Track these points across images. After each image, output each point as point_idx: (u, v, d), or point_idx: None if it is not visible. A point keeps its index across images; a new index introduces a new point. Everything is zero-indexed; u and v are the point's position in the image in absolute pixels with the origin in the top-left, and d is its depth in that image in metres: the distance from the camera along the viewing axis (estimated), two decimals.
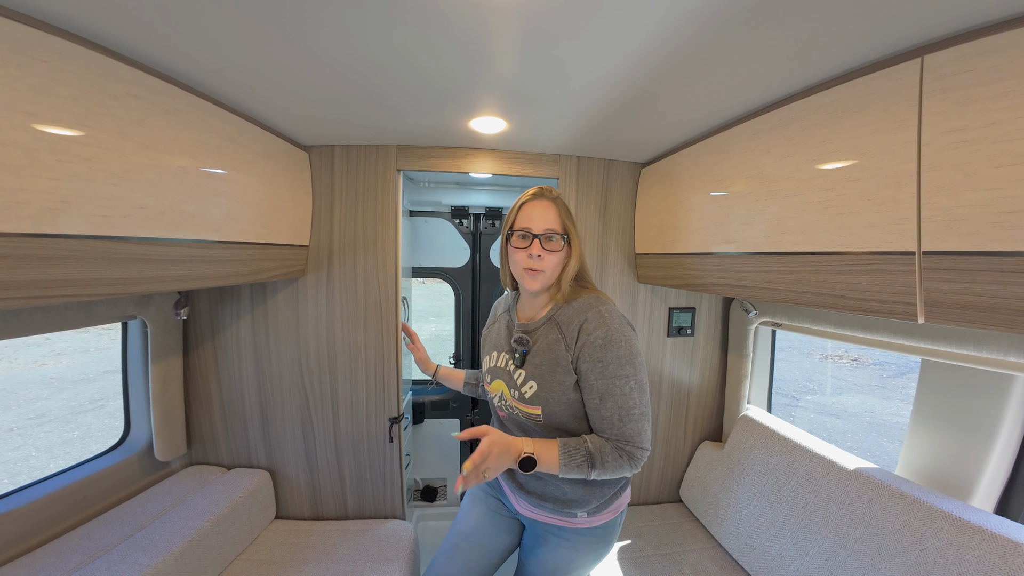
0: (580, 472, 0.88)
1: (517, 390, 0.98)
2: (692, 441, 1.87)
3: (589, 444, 0.89)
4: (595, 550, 1.06)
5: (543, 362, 0.95)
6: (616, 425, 0.89)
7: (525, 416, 0.98)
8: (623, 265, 1.73)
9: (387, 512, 1.71)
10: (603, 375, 0.88)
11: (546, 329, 0.97)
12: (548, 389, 0.93)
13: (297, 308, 1.58)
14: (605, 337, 0.89)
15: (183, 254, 0.97)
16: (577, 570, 1.07)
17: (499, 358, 1.07)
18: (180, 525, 1.26)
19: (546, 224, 0.94)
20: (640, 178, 1.68)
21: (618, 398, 0.88)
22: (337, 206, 1.57)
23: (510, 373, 1.01)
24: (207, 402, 1.60)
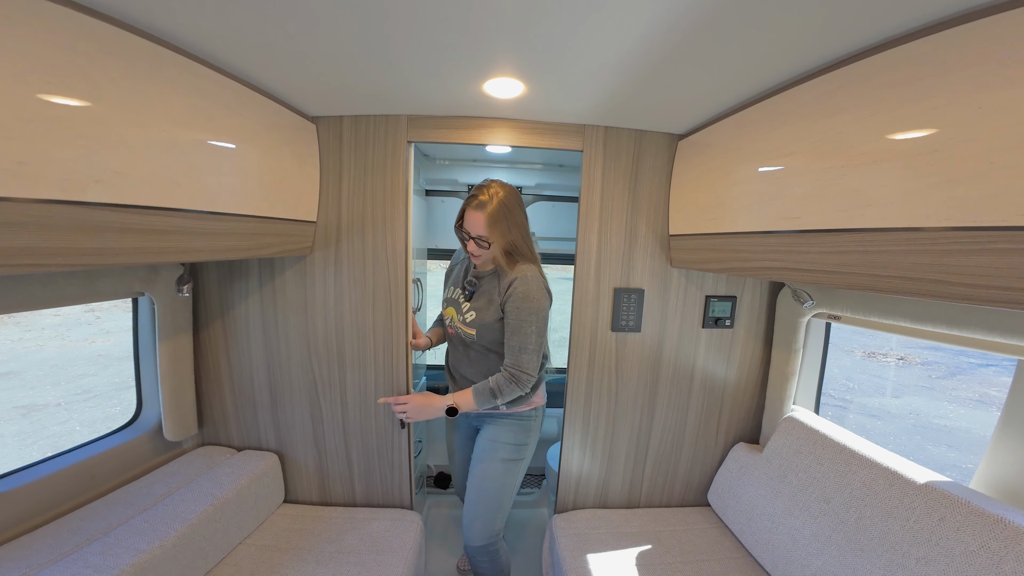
0: (489, 404, 1.33)
1: (462, 315, 1.41)
2: (725, 442, 1.72)
3: (491, 384, 1.31)
4: (512, 433, 1.45)
5: (483, 301, 1.37)
6: (516, 353, 1.31)
7: (465, 334, 1.41)
8: (654, 248, 1.57)
9: (395, 501, 1.66)
10: (516, 317, 1.30)
11: (490, 279, 1.39)
12: (482, 318, 1.36)
13: (305, 287, 1.51)
14: (523, 294, 1.30)
15: (169, 224, 0.90)
16: (500, 449, 1.44)
17: (455, 291, 1.48)
18: (183, 508, 1.23)
19: (476, 231, 1.29)
20: (676, 151, 1.50)
21: (521, 335, 1.30)
22: (346, 181, 1.47)
23: (459, 303, 1.44)
24: (217, 382, 1.58)
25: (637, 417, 1.66)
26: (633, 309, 1.57)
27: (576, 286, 1.55)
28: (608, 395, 1.63)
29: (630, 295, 1.56)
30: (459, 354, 1.48)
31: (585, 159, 1.48)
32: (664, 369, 1.63)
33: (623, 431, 1.67)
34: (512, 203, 1.29)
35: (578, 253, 1.54)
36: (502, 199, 1.27)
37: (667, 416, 1.67)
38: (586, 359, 1.59)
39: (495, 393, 1.31)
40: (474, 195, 1.29)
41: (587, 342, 1.58)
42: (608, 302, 1.57)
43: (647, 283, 1.57)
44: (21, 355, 6.74)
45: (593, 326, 1.58)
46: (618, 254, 1.55)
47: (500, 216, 1.27)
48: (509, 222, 1.29)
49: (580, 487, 1.71)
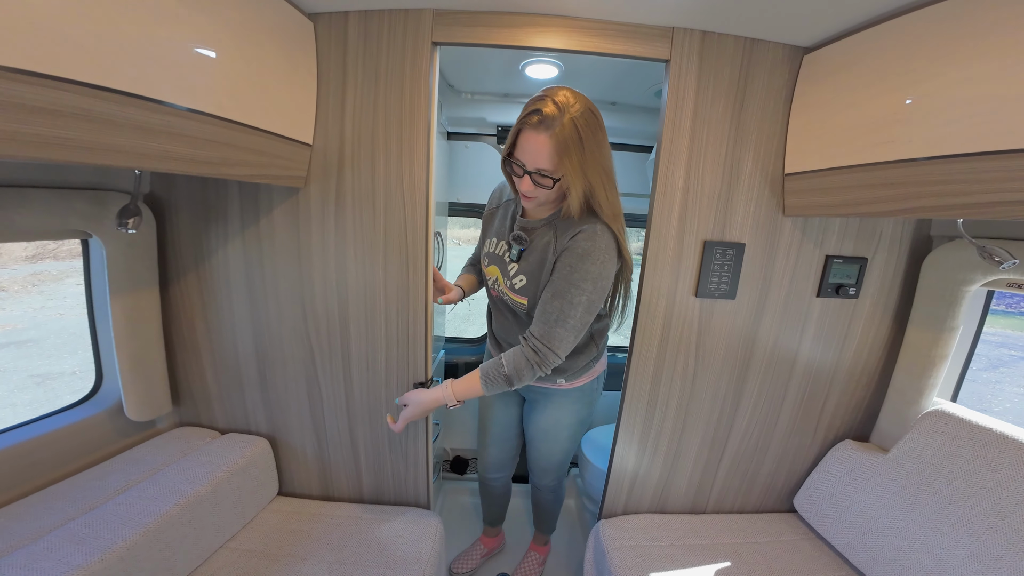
0: (500, 390, 1.03)
1: (509, 280, 1.10)
2: (824, 438, 1.37)
3: (507, 368, 1.00)
4: (576, 409, 1.28)
5: (535, 261, 1.04)
6: (550, 324, 0.97)
7: (513, 303, 1.11)
8: (761, 190, 1.16)
9: (409, 498, 1.36)
10: (566, 278, 0.96)
11: (543, 231, 1.04)
12: (535, 284, 1.04)
13: (299, 231, 1.17)
14: (585, 251, 0.95)
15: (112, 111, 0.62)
16: (565, 427, 1.30)
17: (498, 245, 1.15)
18: (140, 508, 0.94)
19: (537, 163, 0.91)
20: (801, 68, 1.09)
21: (565, 303, 0.96)
22: (351, 95, 1.10)
23: (505, 264, 1.11)
24: (194, 350, 1.27)
25: (717, 407, 1.31)
26: (728, 269, 1.18)
27: (650, 237, 1.17)
28: (683, 379, 1.27)
29: (725, 251, 1.17)
30: (507, 321, 1.21)
31: (672, 72, 1.08)
32: (760, 348, 1.26)
33: (697, 424, 1.32)
34: (595, 124, 0.90)
35: (655, 195, 1.15)
36: (580, 114, 0.87)
37: (756, 407, 1.32)
38: (657, 333, 1.23)
39: (510, 379, 1.00)
40: (535, 109, 0.87)
41: (660, 311, 1.21)
42: (694, 259, 1.18)
43: (749, 236, 1.18)
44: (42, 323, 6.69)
45: (671, 290, 1.20)
46: (712, 197, 1.15)
47: (576, 141, 0.87)
48: (589, 153, 0.89)
49: (635, 488, 1.39)
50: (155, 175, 1.19)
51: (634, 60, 1.17)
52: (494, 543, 1.70)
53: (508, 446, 1.46)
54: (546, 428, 1.31)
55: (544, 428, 1.31)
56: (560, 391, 1.25)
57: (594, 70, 1.52)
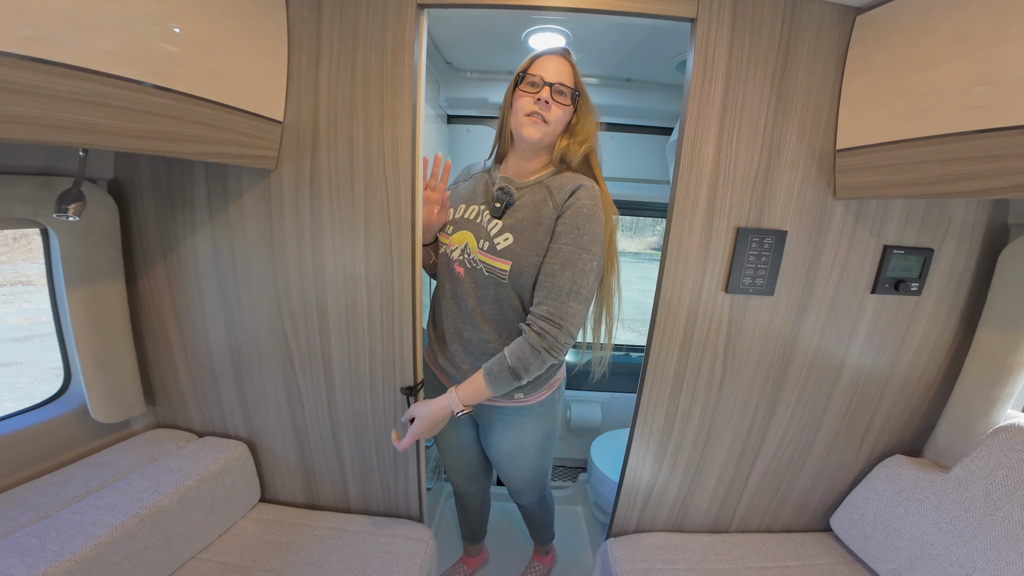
0: (510, 386, 0.90)
1: (488, 240, 0.93)
2: (869, 452, 1.20)
3: (509, 360, 0.88)
4: (539, 425, 1.10)
5: (526, 217, 0.91)
6: (562, 298, 0.85)
7: (489, 271, 0.93)
8: (807, 169, 0.98)
9: (399, 510, 1.25)
10: (575, 243, 0.86)
11: (534, 189, 0.94)
12: (524, 245, 0.89)
13: (271, 217, 1.04)
14: (591, 209, 0.87)
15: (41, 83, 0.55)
16: (530, 447, 1.12)
17: (470, 210, 1.00)
18: (92, 519, 0.86)
19: (559, 76, 0.89)
20: (854, 30, 0.92)
21: (578, 271, 0.85)
22: (325, 62, 0.96)
23: (482, 225, 0.96)
24: (166, 346, 1.17)
25: (747, 417, 1.15)
26: (766, 261, 1.01)
27: (672, 223, 1.00)
28: (708, 385, 1.11)
29: (763, 239, 1.00)
30: (463, 305, 0.99)
31: (699, 33, 0.92)
32: (801, 352, 1.09)
33: (723, 436, 1.16)
34: None
35: (678, 173, 0.98)
36: None
37: (793, 418, 1.15)
38: (679, 332, 1.07)
39: (516, 372, 0.87)
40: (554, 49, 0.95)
41: (683, 307, 1.05)
42: (724, 248, 1.01)
43: (792, 222, 1.00)
44: None
45: (696, 285, 1.03)
46: (747, 177, 0.98)
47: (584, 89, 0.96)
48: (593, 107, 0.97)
49: (649, 503, 1.25)
50: (119, 157, 1.08)
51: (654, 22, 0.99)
52: (477, 561, 1.57)
53: (473, 463, 1.28)
54: (509, 452, 1.13)
55: (507, 452, 1.13)
56: (517, 409, 1.06)
57: (606, 39, 1.35)
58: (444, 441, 1.24)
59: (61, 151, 0.95)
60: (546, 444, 1.15)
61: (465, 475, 1.31)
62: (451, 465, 1.29)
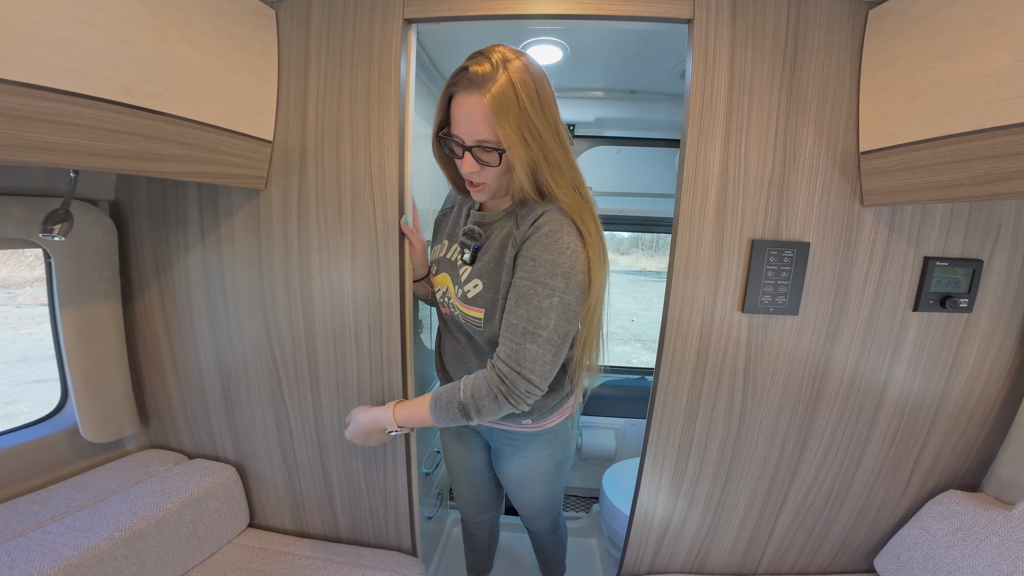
0: (456, 422, 0.81)
1: (460, 287, 0.86)
2: (918, 489, 1.06)
3: (461, 395, 0.79)
4: (549, 453, 1.03)
5: (491, 259, 0.82)
6: (517, 339, 0.74)
7: (465, 319, 0.86)
8: (828, 174, 0.88)
9: (390, 541, 1.18)
10: (529, 275, 0.74)
11: (502, 222, 0.84)
12: (493, 290, 0.81)
13: (260, 237, 1.02)
14: (550, 235, 0.74)
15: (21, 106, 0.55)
16: (540, 475, 1.06)
17: (451, 249, 0.94)
18: (65, 540, 0.84)
19: (475, 133, 0.73)
20: (868, 23, 0.85)
21: (532, 308, 0.73)
22: (313, 81, 0.95)
23: (457, 268, 0.89)
24: (159, 368, 1.16)
25: (775, 451, 1.03)
26: (786, 276, 0.91)
27: (678, 237, 0.92)
28: (726, 415, 1.00)
29: (782, 252, 0.90)
30: (458, 346, 0.96)
31: (697, 33, 0.86)
32: (835, 376, 0.97)
33: (747, 471, 1.05)
34: (540, 80, 0.73)
35: (682, 182, 0.90)
36: (518, 69, 0.70)
37: (829, 450, 1.03)
38: (690, 358, 0.97)
39: (466, 409, 0.78)
40: (464, 67, 0.73)
41: (694, 329, 0.95)
42: (739, 263, 0.92)
43: (815, 232, 0.90)
44: None
45: (707, 304, 0.94)
46: (760, 184, 0.89)
47: (513, 101, 0.69)
48: (534, 112, 0.70)
49: (664, 543, 1.13)
50: (120, 179, 1.09)
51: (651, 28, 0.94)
52: None
53: (484, 489, 1.24)
54: (519, 478, 1.08)
55: (516, 478, 1.08)
56: (526, 434, 1.00)
57: (605, 49, 1.31)
58: (455, 464, 1.20)
59: (56, 173, 0.96)
60: (557, 473, 1.08)
61: (475, 503, 1.26)
62: (460, 491, 1.25)
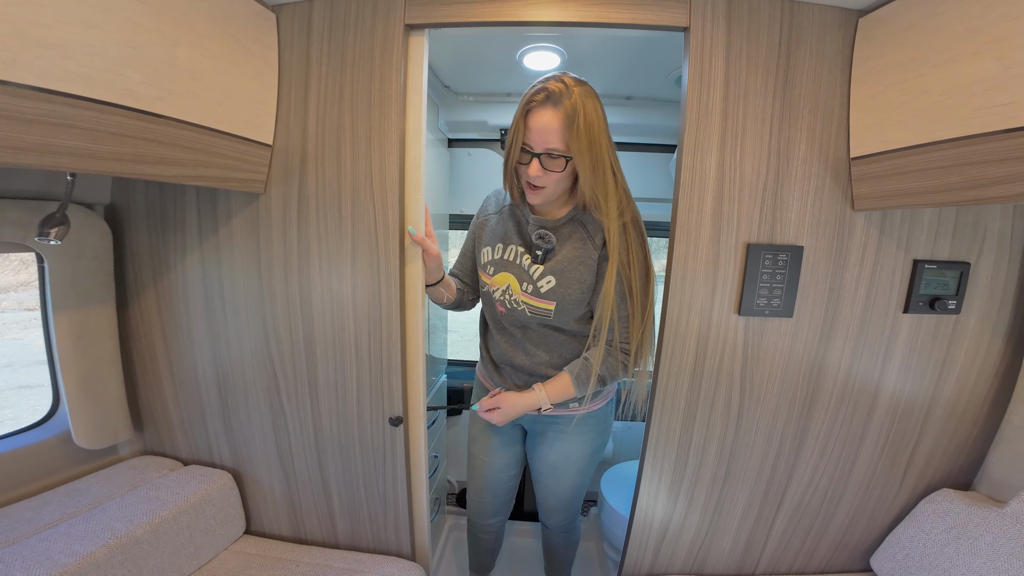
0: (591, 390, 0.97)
1: (532, 284, 0.97)
2: (913, 488, 1.08)
3: (599, 369, 0.94)
4: (590, 438, 1.13)
5: (567, 258, 0.95)
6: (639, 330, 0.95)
7: (532, 311, 0.98)
8: (821, 179, 0.91)
9: (390, 547, 1.17)
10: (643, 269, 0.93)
11: (569, 227, 0.96)
12: (567, 285, 0.95)
13: (259, 241, 1.02)
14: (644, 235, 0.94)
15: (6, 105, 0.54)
16: (576, 461, 1.14)
17: (508, 251, 1.02)
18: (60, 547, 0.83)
19: (546, 142, 0.85)
20: (858, 32, 0.87)
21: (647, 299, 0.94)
22: (314, 84, 0.96)
23: (523, 267, 0.99)
24: (155, 373, 1.15)
25: (772, 452, 1.04)
26: (781, 279, 0.92)
27: (675, 241, 0.94)
28: (724, 417, 1.01)
29: (776, 256, 0.92)
30: (512, 339, 1.07)
31: (693, 41, 0.89)
32: (829, 378, 0.99)
33: (745, 470, 1.06)
34: (601, 108, 0.86)
35: (679, 186, 0.92)
36: (586, 92, 0.83)
37: (825, 451, 1.04)
38: (688, 361, 0.98)
39: (604, 380, 0.98)
40: (541, 87, 0.84)
41: (691, 332, 0.97)
42: (735, 267, 0.94)
43: (808, 236, 0.92)
44: None
45: (704, 307, 0.96)
46: (755, 189, 0.91)
47: (583, 116, 0.81)
48: (598, 128, 0.84)
49: (664, 544, 1.13)
50: (116, 182, 1.09)
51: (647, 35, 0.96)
52: None
53: (505, 489, 1.27)
54: (555, 463, 1.14)
55: (552, 463, 1.15)
56: (570, 417, 1.09)
57: (602, 56, 1.33)
58: (481, 465, 1.22)
59: (54, 176, 0.95)
60: (592, 460, 1.17)
61: (490, 506, 1.27)
62: (478, 495, 1.26)
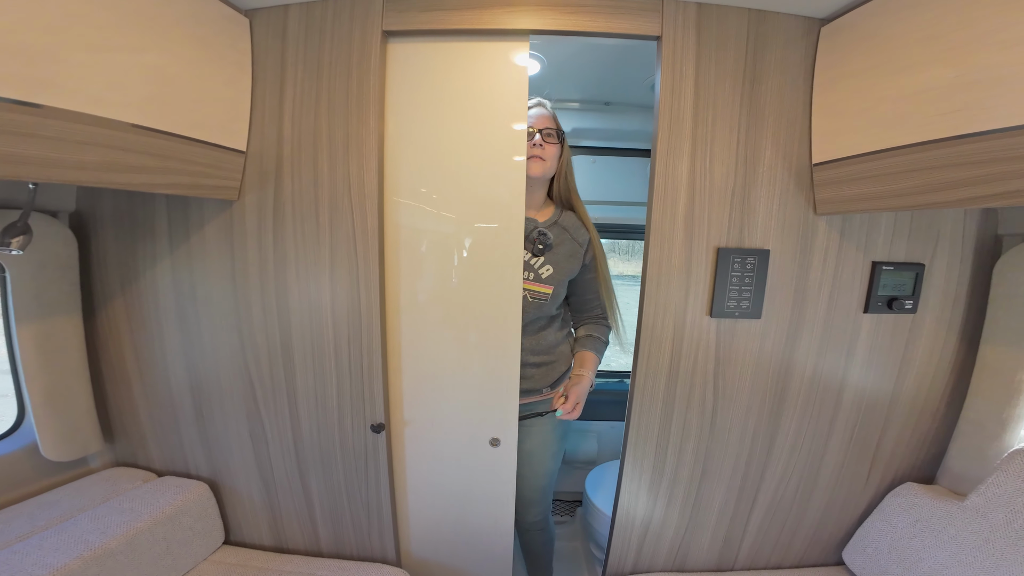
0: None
1: (533, 272, 1.13)
2: (879, 482, 1.12)
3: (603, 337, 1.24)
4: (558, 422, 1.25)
5: (561, 252, 1.15)
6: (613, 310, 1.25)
7: (533, 296, 1.13)
8: (785, 184, 0.94)
9: (375, 553, 1.16)
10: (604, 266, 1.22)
11: (557, 230, 1.16)
12: (562, 273, 1.14)
13: (233, 248, 1.01)
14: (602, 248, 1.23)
15: None
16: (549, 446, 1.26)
17: None
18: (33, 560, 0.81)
19: (543, 123, 1.11)
20: (820, 41, 0.91)
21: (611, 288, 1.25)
22: (290, 90, 0.95)
23: (526, 260, 1.12)
24: (125, 383, 1.12)
25: (745, 450, 1.07)
26: (750, 282, 0.96)
27: (650, 245, 0.96)
28: (700, 415, 1.04)
29: (745, 260, 0.95)
30: None
31: (665, 50, 0.91)
32: (796, 376, 1.03)
33: (720, 469, 1.09)
34: None
35: (653, 192, 0.95)
36: None
37: (795, 447, 1.08)
38: (664, 360, 1.01)
39: (608, 346, 1.25)
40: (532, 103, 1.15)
41: (667, 334, 0.99)
42: (706, 271, 0.97)
43: (774, 240, 0.96)
44: None
45: (679, 309, 0.98)
46: (725, 194, 0.94)
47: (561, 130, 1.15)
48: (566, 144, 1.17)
49: (646, 542, 1.16)
50: (81, 189, 1.06)
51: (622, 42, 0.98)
52: None
53: None
54: (531, 449, 1.22)
55: (529, 449, 1.22)
56: (546, 402, 1.19)
57: (580, 63, 1.36)
58: None
59: (14, 184, 0.92)
60: (560, 445, 1.29)
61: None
62: None
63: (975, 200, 0.67)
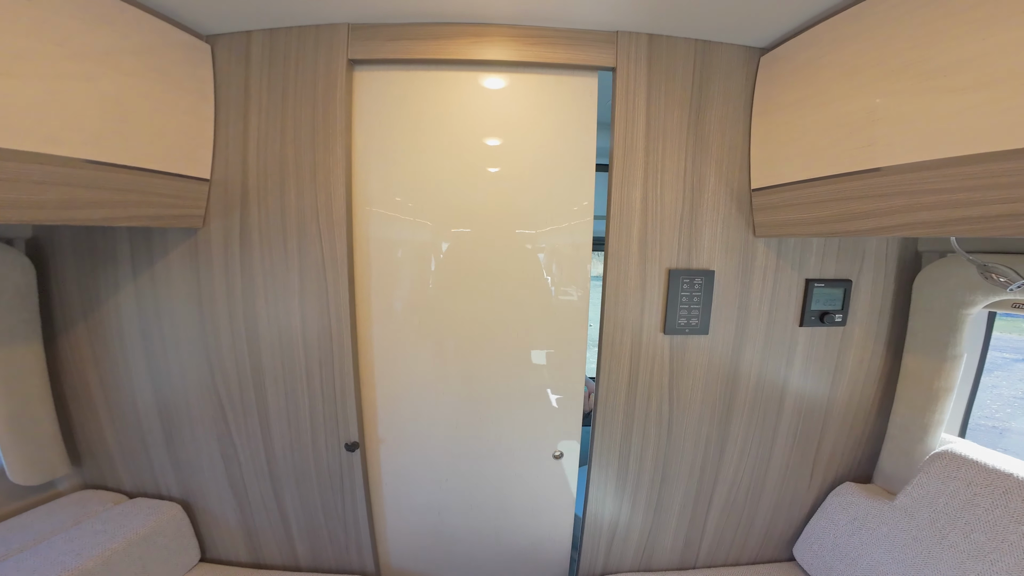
0: None
1: None
2: (822, 482, 1.22)
3: None
4: None
5: None
6: None
7: None
8: (728, 209, 1.01)
9: (353, 566, 1.20)
10: None
11: None
12: None
13: (199, 275, 1.01)
14: None
15: None
16: None
17: None
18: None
19: None
20: (760, 70, 0.98)
21: None
22: (254, 118, 0.96)
23: None
24: (90, 407, 1.11)
25: (700, 454, 1.15)
26: (698, 301, 1.03)
27: (608, 267, 1.02)
28: (658, 425, 1.12)
29: (693, 280, 1.02)
30: None
31: (620, 81, 0.96)
32: (742, 386, 1.11)
33: (678, 473, 1.16)
34: None
35: (610, 217, 1.00)
36: None
37: (744, 451, 1.16)
38: (624, 374, 1.07)
39: None
40: None
41: (626, 350, 1.06)
42: (659, 291, 1.03)
43: (719, 261, 1.03)
44: None
45: (636, 326, 1.05)
46: (674, 219, 1.01)
47: None
48: None
49: (615, 544, 1.23)
50: None
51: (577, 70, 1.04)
52: None
53: None
54: None
55: None
56: None
57: None
58: None
59: None
60: None
61: None
62: None
63: (884, 230, 0.74)
